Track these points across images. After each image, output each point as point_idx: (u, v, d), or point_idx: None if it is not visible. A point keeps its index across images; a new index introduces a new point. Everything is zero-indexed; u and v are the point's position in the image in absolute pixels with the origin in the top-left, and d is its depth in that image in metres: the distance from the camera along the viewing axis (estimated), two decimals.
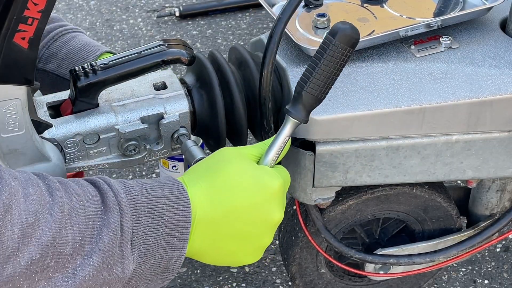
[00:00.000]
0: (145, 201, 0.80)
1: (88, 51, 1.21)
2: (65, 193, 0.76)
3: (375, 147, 1.09)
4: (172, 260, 0.83)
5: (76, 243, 0.74)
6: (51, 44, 1.22)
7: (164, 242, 0.81)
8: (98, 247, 0.76)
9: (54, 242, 0.72)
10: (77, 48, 1.21)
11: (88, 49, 1.21)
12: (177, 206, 0.82)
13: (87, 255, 0.75)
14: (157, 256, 0.81)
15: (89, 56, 1.20)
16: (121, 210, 0.78)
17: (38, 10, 0.87)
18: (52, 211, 0.73)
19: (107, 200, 0.78)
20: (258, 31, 2.29)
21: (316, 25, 1.12)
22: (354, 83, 1.07)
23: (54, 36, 1.23)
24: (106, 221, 0.77)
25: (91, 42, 1.24)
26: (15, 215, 0.69)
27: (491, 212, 1.31)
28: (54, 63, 1.21)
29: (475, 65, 1.08)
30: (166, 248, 0.81)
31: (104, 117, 1.05)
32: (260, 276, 1.55)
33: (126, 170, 1.80)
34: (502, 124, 1.09)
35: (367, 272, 1.32)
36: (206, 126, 1.11)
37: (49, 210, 0.73)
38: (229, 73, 1.09)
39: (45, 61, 1.21)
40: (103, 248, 0.76)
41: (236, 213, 0.85)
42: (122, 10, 2.40)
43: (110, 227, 0.77)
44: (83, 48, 1.21)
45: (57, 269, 0.73)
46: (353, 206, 1.25)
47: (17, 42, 0.89)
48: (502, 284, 1.53)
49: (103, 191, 0.79)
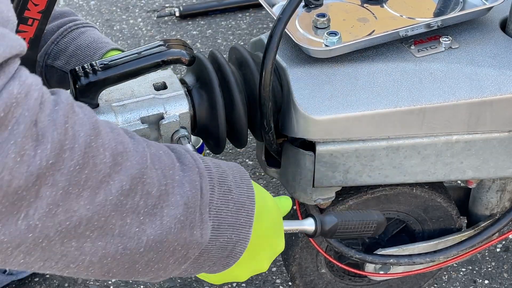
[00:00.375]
0: (216, 173, 0.79)
1: (95, 48, 1.20)
2: (143, 140, 0.74)
3: (375, 147, 1.09)
4: (238, 243, 0.81)
5: (161, 186, 0.72)
6: (60, 40, 1.21)
7: (233, 220, 0.79)
8: (183, 200, 0.74)
9: (142, 178, 0.70)
10: (84, 45, 1.20)
11: (95, 46, 1.20)
12: (242, 186, 0.81)
13: (173, 206, 0.73)
14: (226, 235, 0.79)
15: (96, 53, 1.19)
16: (200, 172, 0.76)
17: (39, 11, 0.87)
18: (138, 149, 0.71)
19: (185, 160, 0.76)
20: (258, 31, 2.29)
21: (316, 25, 1.13)
22: (354, 83, 1.07)
23: (63, 32, 1.22)
24: (187, 177, 0.75)
25: (99, 38, 1.23)
26: (106, 140, 0.67)
27: (491, 212, 1.31)
28: (62, 60, 1.20)
29: (475, 65, 1.08)
30: (234, 228, 0.80)
31: (104, 117, 1.05)
32: (260, 276, 1.55)
33: None
34: (502, 124, 1.09)
35: (367, 272, 1.32)
36: (206, 126, 1.11)
37: (134, 147, 0.70)
38: (229, 73, 1.09)
39: (53, 57, 1.21)
40: (187, 203, 0.74)
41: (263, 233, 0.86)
42: (122, 10, 2.40)
43: (192, 184, 0.75)
44: (90, 44, 1.20)
45: (147, 213, 0.71)
46: (353, 206, 1.25)
47: None
48: (502, 284, 1.53)
49: (179, 152, 0.77)
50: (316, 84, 1.06)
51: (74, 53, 1.20)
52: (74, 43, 1.20)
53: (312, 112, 1.04)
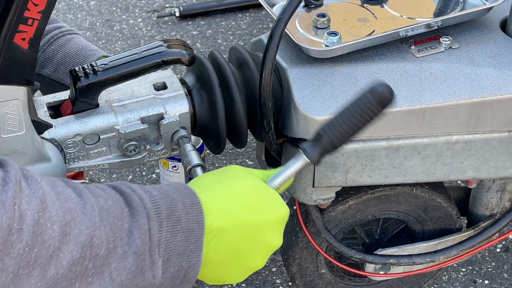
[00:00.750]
0: (164, 205, 0.79)
1: (84, 56, 1.19)
2: (91, 194, 0.74)
3: (375, 147, 1.09)
4: (189, 269, 0.81)
5: (109, 243, 0.72)
6: (47, 48, 1.21)
7: (182, 249, 0.79)
8: (132, 250, 0.74)
9: (91, 242, 0.70)
10: (73, 53, 1.20)
11: (84, 53, 1.20)
12: (191, 212, 0.80)
13: (121, 259, 0.73)
14: (177, 264, 0.79)
15: (85, 61, 1.18)
16: (148, 213, 0.76)
17: (39, 11, 0.87)
18: (85, 210, 0.71)
19: (133, 203, 0.76)
20: (258, 31, 2.29)
21: (316, 25, 1.13)
22: (354, 83, 1.06)
23: (50, 40, 1.21)
24: (136, 223, 0.75)
25: (87, 45, 1.23)
26: (53, 213, 0.67)
27: (491, 212, 1.31)
28: (50, 68, 1.20)
29: (475, 65, 1.08)
30: (184, 256, 0.79)
31: (104, 117, 1.05)
32: (260, 276, 1.55)
33: (126, 170, 1.80)
34: (502, 124, 1.09)
35: (367, 272, 1.31)
36: (206, 127, 1.11)
37: (81, 209, 0.71)
38: (229, 73, 1.09)
39: (40, 65, 1.20)
40: (137, 251, 0.74)
41: (244, 228, 0.83)
42: (122, 10, 2.40)
43: (141, 229, 0.75)
44: (79, 52, 1.20)
45: (95, 273, 0.71)
46: (353, 206, 1.25)
47: (17, 42, 0.89)
48: (502, 285, 1.53)
49: (127, 194, 0.77)
50: (316, 84, 1.06)
51: (62, 61, 1.19)
52: (62, 50, 1.20)
53: (312, 112, 1.04)
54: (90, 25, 2.33)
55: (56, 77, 1.19)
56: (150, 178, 1.77)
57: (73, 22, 2.34)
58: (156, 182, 1.76)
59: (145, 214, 0.76)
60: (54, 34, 1.22)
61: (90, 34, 2.28)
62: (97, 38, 2.26)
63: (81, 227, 0.69)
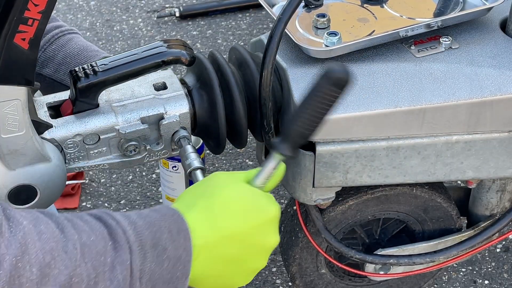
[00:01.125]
0: (149, 235, 0.78)
1: (86, 57, 1.19)
2: (74, 229, 0.73)
3: (375, 148, 1.09)
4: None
5: (90, 280, 0.72)
6: (48, 48, 1.20)
7: (168, 277, 0.78)
8: (114, 286, 0.74)
9: (70, 281, 0.70)
10: (74, 53, 1.19)
11: (86, 54, 1.20)
12: (178, 239, 0.79)
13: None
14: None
15: (87, 62, 1.18)
16: (130, 247, 0.76)
17: (39, 11, 0.87)
18: (67, 249, 0.71)
19: (117, 237, 0.76)
20: (258, 32, 2.29)
21: (316, 26, 1.13)
22: (354, 83, 1.06)
23: (50, 39, 1.21)
24: (118, 258, 0.75)
25: (89, 46, 1.22)
26: (33, 255, 0.67)
27: (491, 213, 1.31)
28: (51, 68, 1.20)
29: (475, 65, 1.08)
30: (170, 283, 0.79)
31: (104, 117, 1.05)
32: (260, 276, 1.55)
33: (126, 170, 1.80)
34: (502, 124, 1.09)
35: (367, 272, 1.32)
36: (206, 127, 1.11)
37: (63, 247, 0.70)
38: (229, 73, 1.09)
39: (41, 65, 1.20)
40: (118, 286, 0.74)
41: (234, 237, 0.83)
42: (122, 10, 2.40)
43: (123, 265, 0.74)
44: (81, 53, 1.20)
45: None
46: (353, 206, 1.25)
47: (18, 43, 0.89)
48: (502, 285, 1.53)
49: (111, 227, 0.77)
50: None
51: (63, 61, 1.18)
52: (63, 50, 1.19)
53: None
54: (90, 25, 2.33)
55: (57, 77, 1.19)
56: (150, 178, 1.78)
57: (73, 22, 2.34)
58: (156, 182, 1.76)
59: (128, 248, 0.76)
60: (55, 34, 1.21)
61: (90, 34, 2.28)
62: (97, 38, 2.27)
63: (61, 267, 0.69)
